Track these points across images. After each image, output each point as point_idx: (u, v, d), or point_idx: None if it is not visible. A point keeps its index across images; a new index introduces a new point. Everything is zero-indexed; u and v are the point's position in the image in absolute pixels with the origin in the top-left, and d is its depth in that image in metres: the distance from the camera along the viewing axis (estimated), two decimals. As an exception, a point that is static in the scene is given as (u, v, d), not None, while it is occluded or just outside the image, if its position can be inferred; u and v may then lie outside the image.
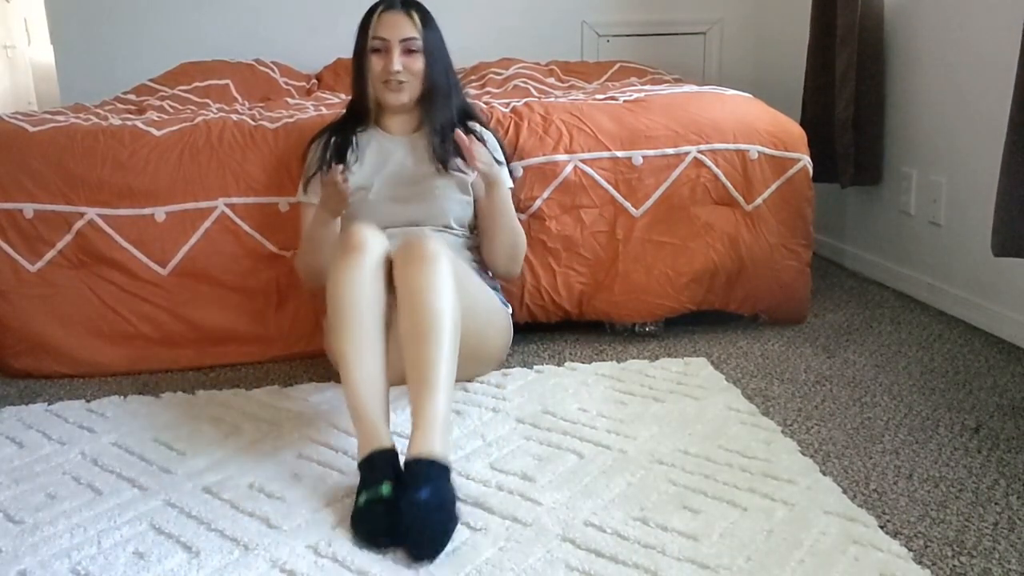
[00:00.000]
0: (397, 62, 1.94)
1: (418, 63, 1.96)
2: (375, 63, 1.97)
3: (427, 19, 2.00)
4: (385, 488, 1.39)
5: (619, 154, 2.27)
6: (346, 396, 1.55)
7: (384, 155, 2.03)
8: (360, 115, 2.06)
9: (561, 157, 2.24)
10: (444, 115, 2.02)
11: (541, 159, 2.23)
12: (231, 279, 2.16)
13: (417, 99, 2.01)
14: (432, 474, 1.38)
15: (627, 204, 2.27)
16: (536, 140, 2.25)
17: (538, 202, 2.23)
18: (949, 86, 2.47)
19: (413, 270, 1.62)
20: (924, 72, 2.59)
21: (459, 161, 1.97)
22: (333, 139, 2.04)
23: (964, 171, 2.42)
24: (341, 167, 1.80)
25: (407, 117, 2.06)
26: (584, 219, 2.26)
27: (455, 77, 2.08)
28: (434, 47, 1.99)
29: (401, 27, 1.95)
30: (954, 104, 2.45)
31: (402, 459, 1.44)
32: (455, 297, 1.61)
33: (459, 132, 1.87)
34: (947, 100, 2.48)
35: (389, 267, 1.68)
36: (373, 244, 1.67)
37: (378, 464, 1.44)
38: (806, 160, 2.35)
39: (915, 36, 2.63)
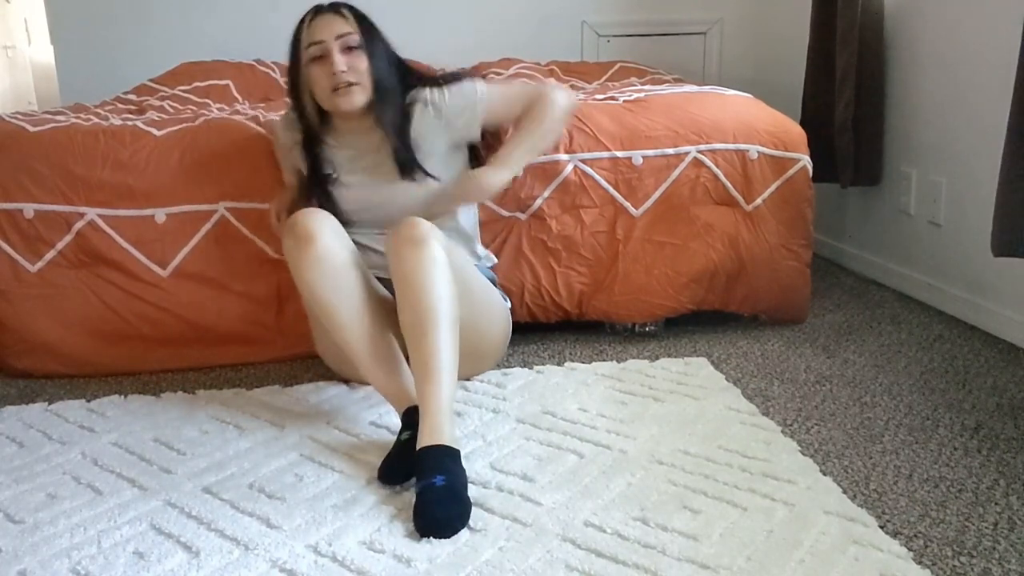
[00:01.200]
0: (340, 62, 1.84)
1: (362, 62, 1.86)
2: (318, 74, 1.86)
3: (360, 16, 1.91)
4: (404, 435, 1.59)
5: (619, 154, 2.26)
6: (366, 378, 1.74)
7: (350, 160, 1.97)
8: (313, 134, 1.96)
9: (561, 157, 2.24)
10: (396, 114, 1.93)
11: (541, 158, 2.22)
12: (231, 283, 2.16)
13: (370, 100, 1.90)
14: (446, 461, 1.47)
15: (627, 204, 2.27)
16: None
17: (538, 201, 2.23)
18: (949, 86, 2.47)
19: (405, 253, 1.67)
20: (924, 72, 2.59)
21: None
22: (308, 161, 1.97)
23: (964, 171, 2.42)
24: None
25: (360, 123, 1.95)
26: (584, 219, 2.26)
27: (401, 67, 1.98)
28: (373, 43, 1.90)
29: (334, 25, 1.86)
30: (954, 104, 2.45)
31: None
32: (450, 280, 1.67)
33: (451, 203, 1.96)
34: (947, 100, 2.48)
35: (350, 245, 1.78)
36: (320, 226, 1.73)
37: (406, 415, 1.64)
38: (806, 160, 2.34)
39: (915, 37, 2.63)
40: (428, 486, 1.42)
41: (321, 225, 1.73)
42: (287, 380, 2.08)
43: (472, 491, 1.49)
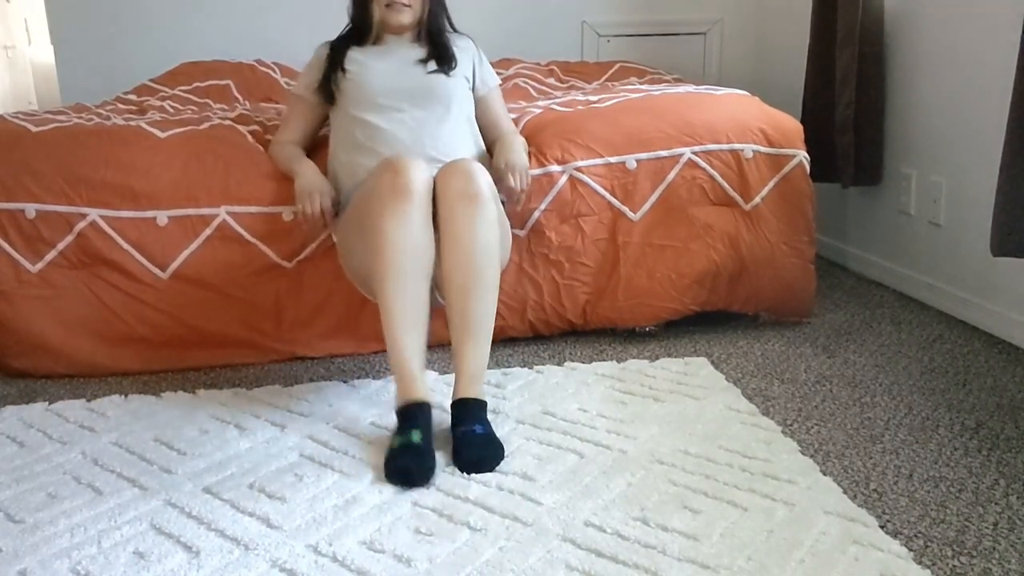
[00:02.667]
0: None
1: None
2: None
3: None
4: (415, 435, 1.59)
5: (612, 159, 2.26)
6: (387, 342, 1.70)
7: (387, 55, 2.11)
8: (362, 35, 2.13)
9: (555, 168, 2.23)
10: (442, 31, 2.13)
11: (536, 171, 2.22)
12: (231, 287, 2.15)
13: (416, 22, 2.10)
14: (480, 412, 1.67)
15: (625, 209, 2.27)
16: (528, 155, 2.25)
17: (536, 214, 2.22)
18: (949, 86, 2.47)
19: (459, 209, 1.73)
20: (924, 73, 2.59)
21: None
22: (331, 55, 2.13)
23: (964, 171, 2.42)
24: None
25: (408, 36, 2.13)
26: (584, 227, 2.25)
27: (447, 10, 2.19)
28: None
29: None
30: (954, 104, 2.45)
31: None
32: (499, 240, 1.76)
33: (508, 184, 2.02)
34: (947, 100, 2.48)
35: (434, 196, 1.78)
36: (420, 184, 1.73)
37: (413, 414, 1.64)
38: (802, 156, 2.34)
39: (915, 37, 2.63)
40: (469, 432, 1.62)
41: (422, 179, 1.74)
42: (287, 380, 2.08)
43: (473, 490, 1.50)
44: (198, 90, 3.09)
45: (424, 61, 2.09)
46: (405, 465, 1.55)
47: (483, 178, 1.77)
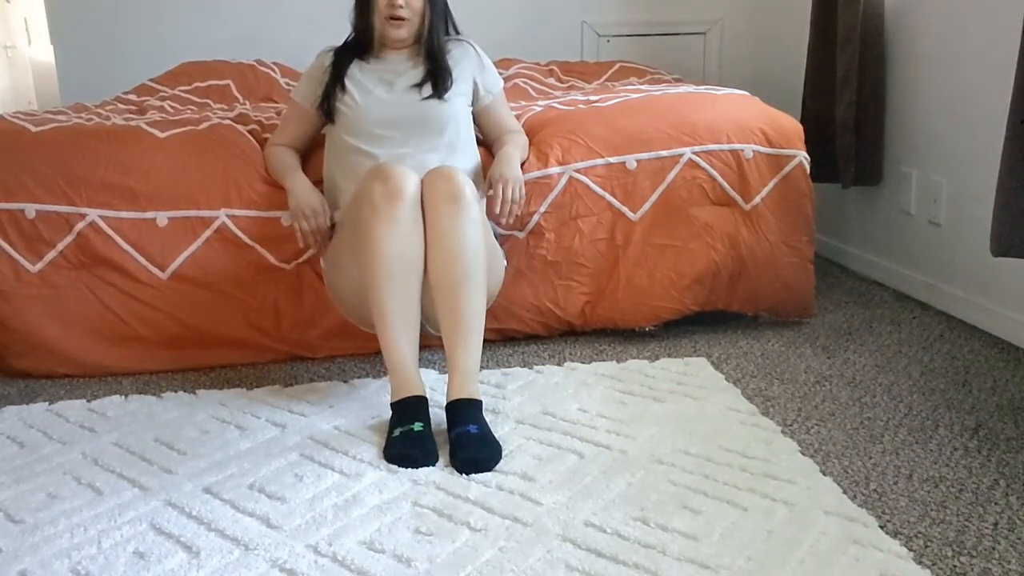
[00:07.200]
0: None
1: (418, 1, 2.06)
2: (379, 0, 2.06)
3: None
4: (417, 426, 1.65)
5: (612, 159, 2.26)
6: (382, 344, 1.74)
7: (386, 78, 2.09)
8: (363, 46, 2.13)
9: (555, 170, 2.23)
10: (441, 48, 2.11)
11: (535, 174, 2.21)
12: (230, 288, 2.15)
13: (416, 35, 2.10)
14: (474, 412, 1.67)
15: (624, 209, 2.27)
16: (529, 156, 2.25)
17: (535, 217, 2.22)
18: (949, 86, 2.47)
19: (443, 210, 1.76)
20: (924, 72, 2.59)
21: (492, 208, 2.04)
22: (333, 68, 2.12)
23: (964, 171, 2.42)
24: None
25: (407, 51, 2.13)
26: (583, 228, 2.25)
27: (450, 17, 2.18)
28: None
29: None
30: (954, 104, 2.45)
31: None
32: (483, 240, 1.78)
33: (492, 197, 2.02)
34: (947, 100, 2.48)
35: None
36: (410, 188, 1.77)
37: (412, 406, 1.69)
38: (802, 156, 2.34)
39: (916, 37, 2.63)
40: (464, 432, 1.62)
41: (411, 184, 1.78)
42: (287, 380, 2.08)
43: (473, 491, 1.50)
44: (198, 90, 3.09)
45: (420, 85, 2.07)
46: (408, 449, 1.61)
47: (465, 181, 1.80)
